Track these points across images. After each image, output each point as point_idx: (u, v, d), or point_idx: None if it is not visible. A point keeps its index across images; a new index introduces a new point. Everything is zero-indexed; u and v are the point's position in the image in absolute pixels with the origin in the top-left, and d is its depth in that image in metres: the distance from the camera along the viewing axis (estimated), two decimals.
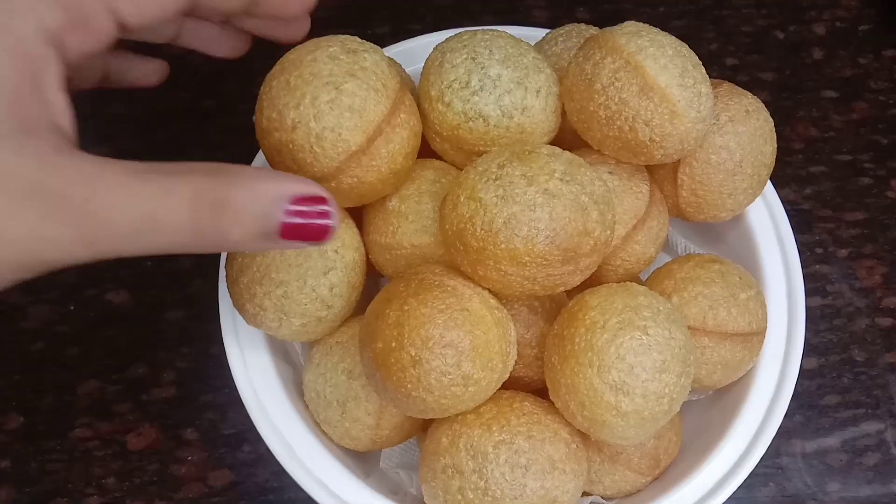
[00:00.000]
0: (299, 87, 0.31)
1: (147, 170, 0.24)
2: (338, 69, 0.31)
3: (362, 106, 0.31)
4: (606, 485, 0.37)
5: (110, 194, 0.23)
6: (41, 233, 0.23)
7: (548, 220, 0.31)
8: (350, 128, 0.31)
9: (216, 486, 0.45)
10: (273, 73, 0.32)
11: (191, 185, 0.24)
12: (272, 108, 0.31)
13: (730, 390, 0.39)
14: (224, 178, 0.24)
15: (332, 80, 0.31)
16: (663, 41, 0.34)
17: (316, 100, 0.30)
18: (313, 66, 0.31)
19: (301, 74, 0.31)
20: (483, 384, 0.32)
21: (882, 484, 0.46)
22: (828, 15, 0.62)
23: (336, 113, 0.30)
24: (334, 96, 0.30)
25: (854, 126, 0.57)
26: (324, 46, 0.32)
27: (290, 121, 0.31)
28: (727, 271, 0.37)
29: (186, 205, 0.23)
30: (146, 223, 0.23)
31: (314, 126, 0.30)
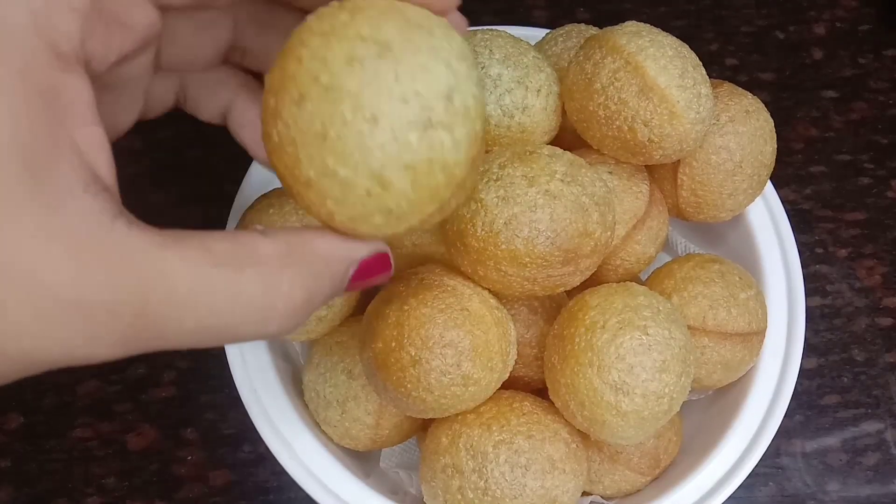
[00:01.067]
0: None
1: (213, 261, 0.19)
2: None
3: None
4: (606, 484, 0.37)
5: (168, 304, 0.18)
6: (83, 352, 0.18)
7: (549, 221, 0.31)
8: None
9: (216, 486, 0.45)
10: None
11: (271, 290, 0.20)
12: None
13: (730, 390, 0.39)
14: (302, 267, 0.21)
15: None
16: (663, 41, 0.34)
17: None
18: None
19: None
20: (483, 384, 0.32)
21: (882, 484, 0.46)
22: (828, 15, 0.62)
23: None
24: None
25: (854, 126, 0.57)
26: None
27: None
28: (727, 271, 0.37)
29: (262, 313, 0.20)
30: (211, 332, 0.20)
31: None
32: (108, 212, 0.18)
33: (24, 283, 0.17)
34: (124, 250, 0.18)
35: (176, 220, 0.55)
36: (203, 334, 0.19)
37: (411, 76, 0.20)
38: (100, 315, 0.18)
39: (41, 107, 0.17)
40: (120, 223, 0.18)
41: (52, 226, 0.17)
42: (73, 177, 0.18)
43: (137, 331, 0.18)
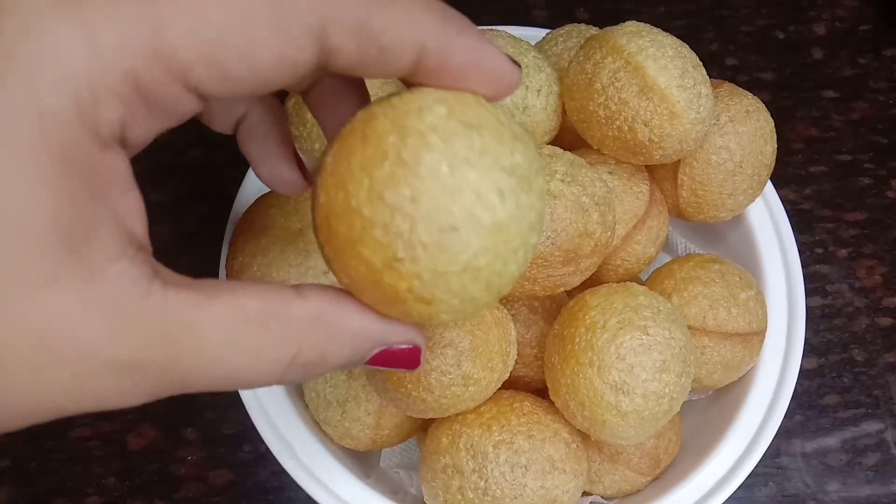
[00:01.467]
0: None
1: (244, 320, 0.20)
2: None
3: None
4: (606, 484, 0.37)
5: (196, 359, 0.20)
6: (112, 403, 0.19)
7: (549, 221, 0.31)
8: None
9: (216, 485, 0.45)
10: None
11: (290, 347, 0.21)
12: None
13: (730, 390, 0.39)
14: (327, 333, 0.21)
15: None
16: (664, 41, 0.34)
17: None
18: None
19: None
20: (483, 384, 0.32)
21: (882, 484, 0.46)
22: (828, 15, 0.62)
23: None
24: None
25: (854, 126, 0.57)
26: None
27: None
28: (727, 271, 0.37)
29: (281, 367, 0.21)
30: (230, 383, 0.21)
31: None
32: (144, 275, 0.19)
33: (64, 350, 0.18)
34: (159, 314, 0.19)
35: (176, 219, 0.55)
36: (223, 384, 0.20)
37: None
38: (132, 373, 0.19)
39: (81, 185, 0.18)
40: (155, 285, 0.19)
41: (90, 296, 0.18)
42: (110, 244, 0.19)
43: (165, 384, 0.20)
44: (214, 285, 0.20)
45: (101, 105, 0.18)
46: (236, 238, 0.36)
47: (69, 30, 0.17)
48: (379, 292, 0.21)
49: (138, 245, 0.20)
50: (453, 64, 0.21)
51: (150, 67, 0.18)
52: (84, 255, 0.18)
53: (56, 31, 0.17)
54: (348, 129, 0.21)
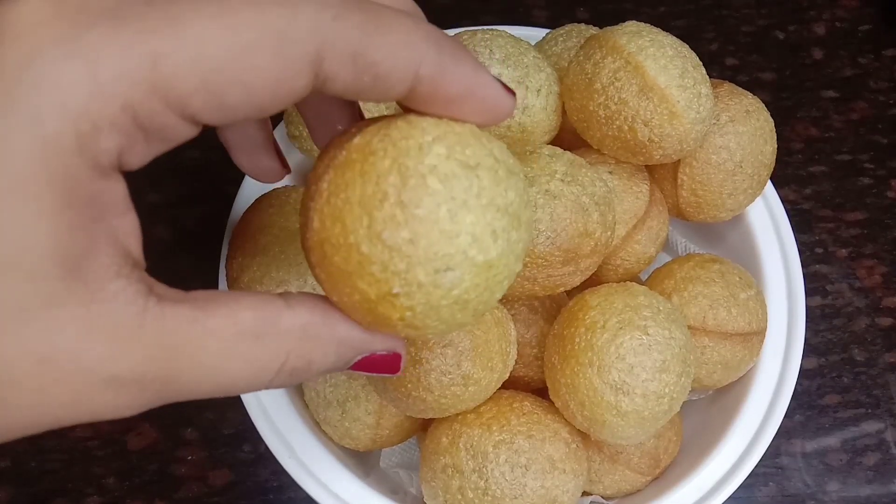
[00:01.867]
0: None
1: (239, 334, 0.21)
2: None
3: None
4: (606, 484, 0.37)
5: (193, 372, 0.21)
6: (110, 415, 0.20)
7: (549, 221, 0.31)
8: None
9: (216, 485, 0.45)
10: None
11: (278, 358, 0.22)
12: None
13: (730, 390, 0.39)
14: (314, 344, 0.22)
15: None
16: (664, 41, 0.34)
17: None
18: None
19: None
20: (483, 384, 0.32)
21: (882, 484, 0.46)
22: (828, 15, 0.62)
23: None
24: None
25: (854, 126, 0.57)
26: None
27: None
28: (727, 271, 0.37)
29: (270, 375, 0.22)
30: (222, 392, 0.22)
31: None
32: (140, 293, 0.20)
33: (65, 369, 0.19)
34: (157, 330, 0.20)
35: (176, 220, 0.55)
36: (216, 392, 0.22)
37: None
38: (131, 387, 0.20)
39: (79, 211, 0.19)
40: (151, 303, 0.20)
41: (89, 316, 0.19)
42: (107, 264, 0.20)
43: (161, 396, 0.21)
44: (207, 298, 0.21)
45: (100, 136, 0.18)
46: (236, 238, 0.36)
47: (70, 62, 0.18)
48: (371, 317, 0.22)
49: (133, 262, 0.21)
50: (447, 92, 0.21)
51: (148, 99, 0.19)
52: (82, 277, 0.19)
53: (57, 63, 0.18)
54: (345, 158, 0.21)
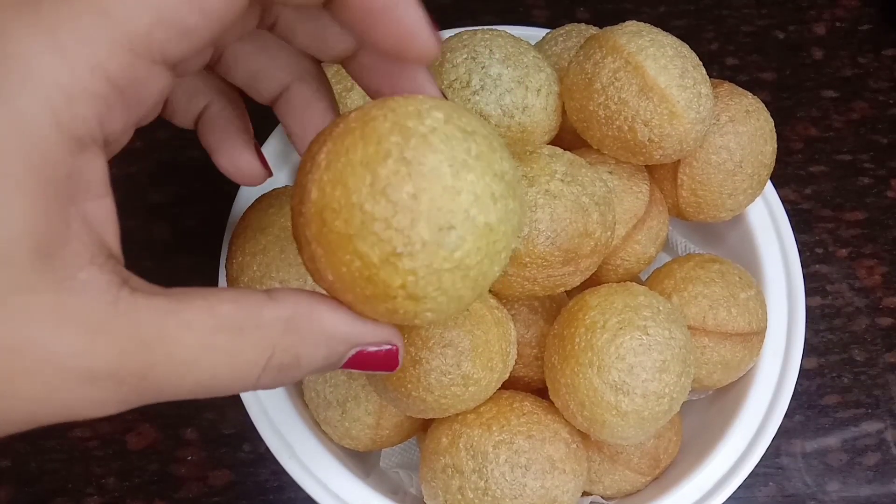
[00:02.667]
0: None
1: (217, 327, 0.20)
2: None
3: None
4: (606, 484, 0.37)
5: (170, 367, 0.20)
6: (71, 411, 0.19)
7: (549, 221, 0.31)
8: None
9: (216, 485, 0.45)
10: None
11: (263, 353, 0.21)
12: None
13: (730, 390, 0.39)
14: (300, 336, 0.21)
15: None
16: (664, 41, 0.34)
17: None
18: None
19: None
20: (483, 384, 0.32)
21: (882, 484, 0.46)
22: (828, 15, 0.62)
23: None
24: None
25: (854, 126, 0.57)
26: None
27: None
28: (727, 271, 0.37)
29: (256, 371, 0.21)
30: (205, 390, 0.21)
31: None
32: (113, 283, 0.19)
33: (35, 359, 0.18)
34: (129, 320, 0.19)
35: (176, 219, 0.55)
36: (198, 391, 0.21)
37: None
38: (105, 382, 0.19)
39: (54, 192, 0.18)
40: (124, 293, 0.19)
41: (61, 305, 0.18)
42: (81, 251, 0.19)
43: (139, 392, 0.20)
44: (185, 293, 0.20)
45: (74, 104, 0.18)
46: (236, 238, 0.36)
47: (33, 36, 0.18)
48: (370, 288, 0.21)
49: (108, 253, 0.20)
50: (371, 4, 0.22)
51: (114, 53, 0.18)
52: (54, 264, 0.18)
53: (21, 39, 0.18)
54: (342, 128, 0.21)
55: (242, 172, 0.29)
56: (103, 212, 0.20)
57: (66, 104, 0.18)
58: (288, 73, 0.27)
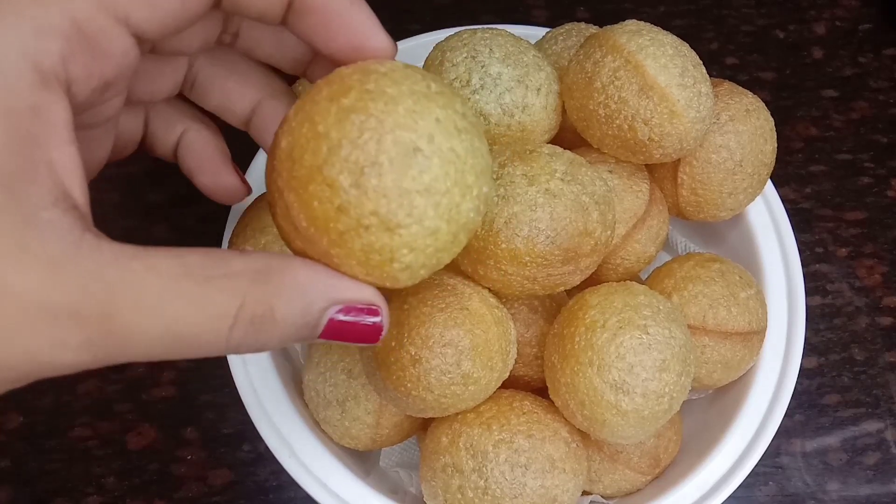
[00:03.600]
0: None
1: (183, 274, 0.20)
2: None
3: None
4: (606, 484, 0.37)
5: (135, 311, 0.19)
6: (43, 357, 0.19)
7: (549, 220, 0.31)
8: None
9: (216, 485, 0.45)
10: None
11: (233, 298, 0.20)
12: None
13: (730, 390, 0.39)
14: (272, 286, 0.21)
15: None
16: (664, 40, 0.34)
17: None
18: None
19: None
20: (483, 383, 0.32)
21: (882, 483, 0.46)
22: (828, 14, 0.62)
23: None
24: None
25: (854, 125, 0.57)
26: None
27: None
28: (727, 270, 0.37)
29: (225, 322, 0.20)
30: (175, 341, 0.20)
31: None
32: (77, 227, 0.19)
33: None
34: (92, 259, 0.19)
35: (176, 219, 0.55)
36: (167, 343, 0.20)
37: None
38: (65, 319, 0.18)
39: (20, 126, 0.18)
40: (88, 236, 0.19)
41: (22, 237, 0.18)
42: (45, 192, 0.19)
43: (103, 336, 0.19)
44: (153, 248, 0.20)
45: (41, 37, 0.19)
46: (235, 237, 0.36)
47: None
48: (343, 220, 0.21)
49: (73, 203, 0.20)
50: (325, 13, 0.23)
51: (85, 3, 0.20)
52: (17, 200, 0.18)
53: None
54: (307, 91, 0.23)
55: (224, 190, 0.30)
56: (68, 159, 0.20)
57: (34, 36, 0.19)
58: (258, 91, 0.29)
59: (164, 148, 0.29)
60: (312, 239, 0.22)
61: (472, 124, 0.23)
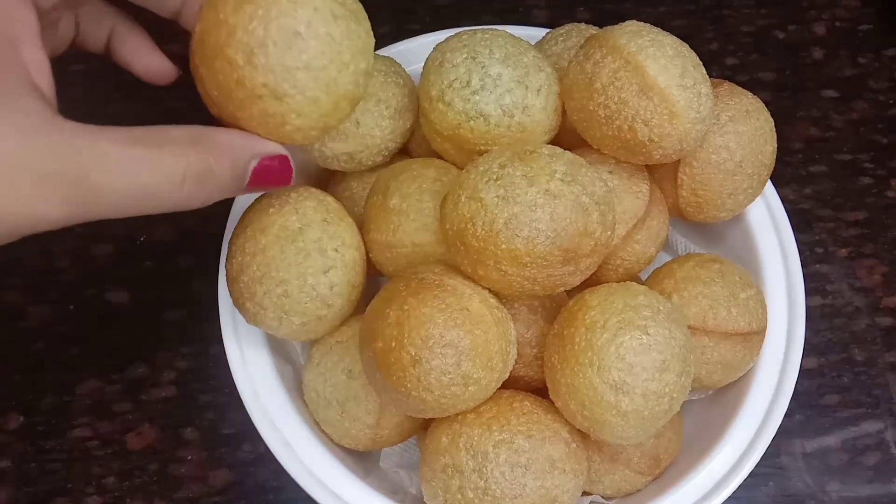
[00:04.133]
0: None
1: (134, 140, 0.25)
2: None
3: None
4: (606, 484, 0.37)
5: (103, 172, 0.24)
6: (29, 210, 0.23)
7: (549, 220, 0.31)
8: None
9: (216, 485, 0.45)
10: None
11: (180, 159, 0.26)
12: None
13: (730, 390, 0.39)
14: (205, 147, 0.27)
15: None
16: (664, 41, 0.34)
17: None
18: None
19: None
20: (483, 384, 0.32)
21: (882, 484, 0.46)
22: (828, 15, 0.62)
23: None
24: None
25: (854, 126, 0.57)
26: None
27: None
28: (727, 271, 0.37)
29: (178, 178, 0.26)
30: (139, 195, 0.25)
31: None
32: (48, 110, 0.24)
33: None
34: (63, 132, 0.24)
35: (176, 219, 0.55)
36: (134, 199, 0.25)
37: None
38: (46, 179, 0.23)
39: (3, 32, 0.24)
40: (58, 118, 0.24)
41: (5, 121, 0.23)
42: (21, 84, 0.24)
43: (79, 192, 0.24)
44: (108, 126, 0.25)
45: None
46: (236, 238, 0.36)
47: None
48: (241, 91, 0.28)
49: (42, 94, 0.25)
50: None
51: None
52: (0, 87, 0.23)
53: None
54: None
55: (157, 72, 0.34)
56: (39, 63, 0.25)
57: None
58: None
59: (96, 44, 0.33)
60: (221, 105, 0.29)
61: (350, 11, 0.29)
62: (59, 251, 0.50)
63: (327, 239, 0.35)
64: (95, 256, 0.50)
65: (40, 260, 0.50)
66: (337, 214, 0.36)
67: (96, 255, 0.51)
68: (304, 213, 0.35)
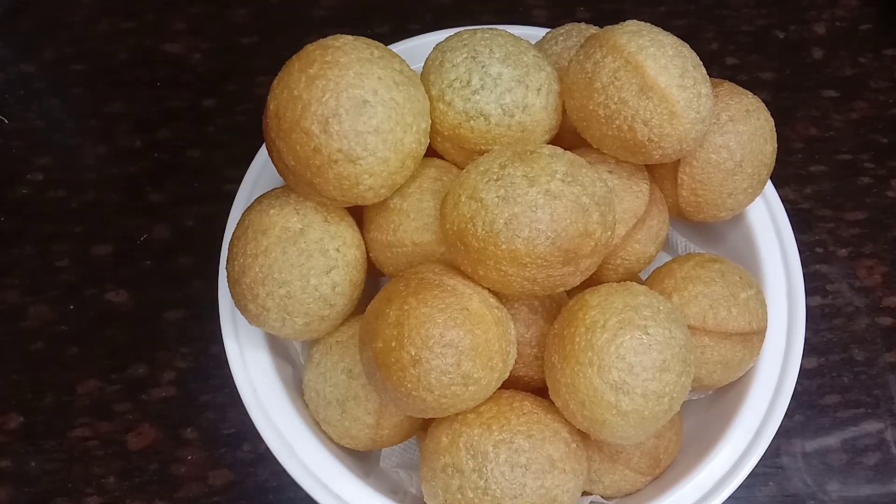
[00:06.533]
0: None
1: None
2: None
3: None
4: (606, 484, 0.37)
5: None
6: None
7: (549, 221, 0.31)
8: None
9: (216, 485, 0.45)
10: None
11: None
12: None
13: (730, 390, 0.39)
14: None
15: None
16: (664, 41, 0.34)
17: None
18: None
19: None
20: (483, 383, 0.32)
21: (882, 484, 0.46)
22: (828, 15, 0.62)
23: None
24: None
25: (854, 126, 0.57)
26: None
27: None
28: (727, 271, 0.37)
29: None
30: None
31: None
32: None
33: None
34: None
35: (176, 219, 0.55)
36: None
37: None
38: None
39: None
40: None
41: None
42: None
43: None
44: None
45: None
46: (236, 239, 0.36)
47: None
48: (318, 158, 0.31)
49: None
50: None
51: None
52: None
53: None
54: (284, 68, 0.32)
55: None
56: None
57: None
58: None
59: None
60: (298, 173, 0.31)
61: (408, 77, 0.32)
62: (59, 251, 0.50)
63: (329, 239, 0.35)
64: (95, 256, 0.50)
65: (40, 260, 0.50)
66: (337, 214, 0.36)
67: (96, 255, 0.51)
68: (305, 214, 0.35)
